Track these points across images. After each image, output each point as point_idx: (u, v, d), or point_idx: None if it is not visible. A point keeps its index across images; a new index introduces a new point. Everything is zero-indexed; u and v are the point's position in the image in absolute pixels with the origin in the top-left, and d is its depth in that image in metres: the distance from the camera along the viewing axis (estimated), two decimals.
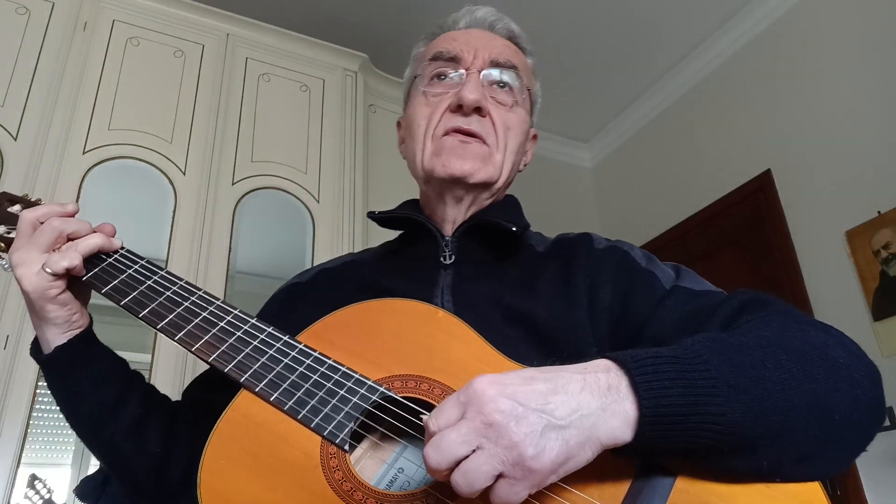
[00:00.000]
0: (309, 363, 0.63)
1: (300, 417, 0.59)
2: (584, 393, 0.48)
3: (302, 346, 0.64)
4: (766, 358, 0.52)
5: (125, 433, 0.72)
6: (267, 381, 0.61)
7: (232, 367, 0.63)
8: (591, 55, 3.15)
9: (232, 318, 0.67)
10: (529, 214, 0.86)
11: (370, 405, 0.59)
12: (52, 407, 0.91)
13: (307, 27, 2.62)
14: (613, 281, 0.72)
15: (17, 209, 0.77)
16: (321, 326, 0.67)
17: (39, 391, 1.71)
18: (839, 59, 2.52)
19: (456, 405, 0.48)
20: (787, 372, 0.52)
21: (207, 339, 0.65)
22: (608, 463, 0.51)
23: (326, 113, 2.46)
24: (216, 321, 0.67)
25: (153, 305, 0.68)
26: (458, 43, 0.83)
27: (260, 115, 2.34)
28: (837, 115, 2.48)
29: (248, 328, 0.66)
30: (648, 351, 0.52)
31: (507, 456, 0.45)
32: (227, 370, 0.63)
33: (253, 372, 0.62)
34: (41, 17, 2.10)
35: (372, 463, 0.60)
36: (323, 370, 0.62)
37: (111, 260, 0.72)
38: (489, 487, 0.46)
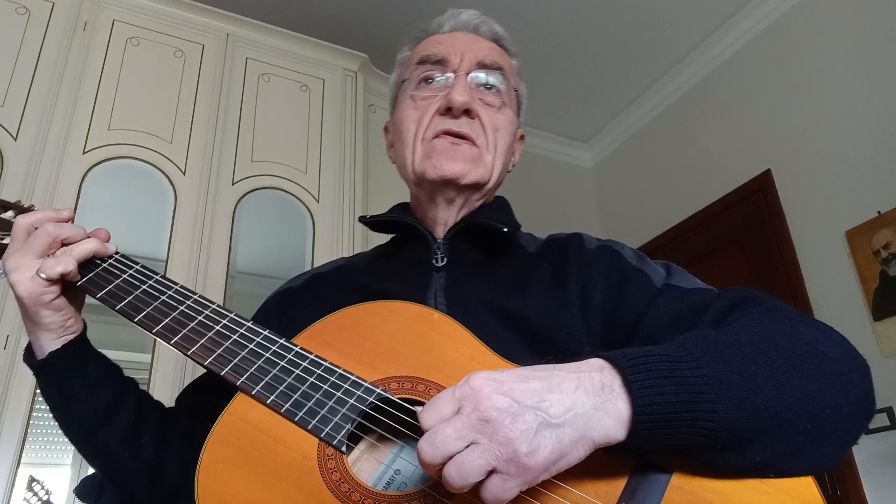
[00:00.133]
0: (305, 366, 0.63)
1: (297, 420, 0.59)
2: (578, 392, 0.49)
3: (298, 348, 0.64)
4: (756, 354, 0.53)
5: (119, 439, 0.71)
6: (263, 383, 0.61)
7: (228, 370, 0.63)
8: (590, 55, 3.15)
9: (228, 321, 0.67)
10: (529, 215, 0.86)
11: (367, 407, 0.59)
12: None
13: (307, 27, 2.62)
14: (605, 280, 0.73)
15: (10, 215, 0.77)
16: (317, 329, 0.67)
17: (39, 391, 1.71)
18: (839, 59, 2.51)
19: (451, 400, 0.48)
20: (777, 368, 0.52)
21: (203, 342, 0.65)
22: (604, 460, 0.51)
23: (326, 113, 2.45)
24: (212, 325, 0.67)
25: (148, 310, 0.68)
26: (443, 46, 0.83)
27: (260, 115, 2.34)
28: (837, 115, 2.48)
29: (243, 331, 0.66)
30: (640, 350, 0.52)
31: (501, 451, 0.45)
32: (223, 373, 0.63)
33: (249, 375, 0.62)
34: (41, 17, 2.10)
35: (369, 464, 0.60)
36: (319, 372, 0.62)
37: (106, 265, 0.72)
38: (480, 483, 0.46)
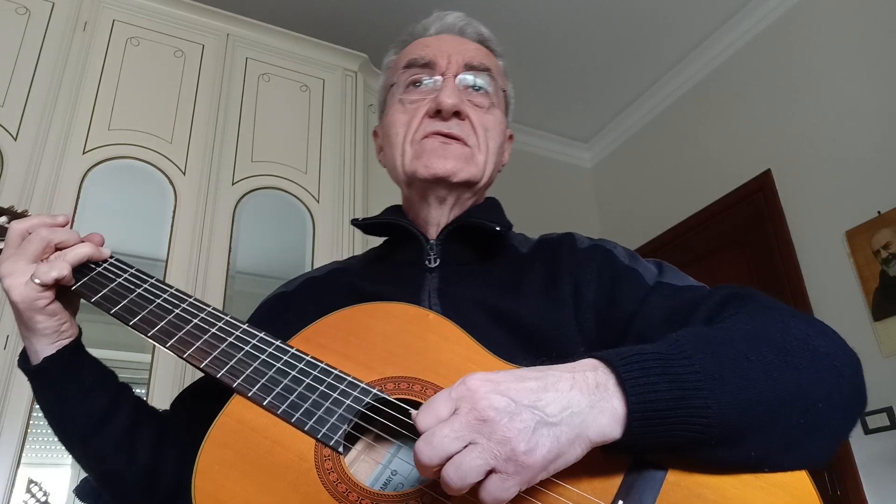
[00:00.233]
0: (301, 367, 0.63)
1: (293, 421, 0.59)
2: (573, 391, 0.49)
3: (294, 350, 0.64)
4: (749, 350, 0.53)
5: (114, 444, 0.71)
6: (259, 385, 0.61)
7: (224, 372, 0.63)
8: (590, 55, 3.15)
9: (223, 324, 0.67)
10: (529, 215, 0.87)
11: (363, 407, 0.60)
12: None
13: (307, 27, 2.62)
14: (598, 279, 0.73)
15: (4, 220, 0.77)
16: (312, 331, 0.67)
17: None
18: (839, 59, 2.51)
19: (447, 401, 0.48)
20: (769, 363, 0.53)
21: (199, 345, 0.65)
22: (600, 458, 0.51)
23: (326, 113, 2.45)
24: (207, 327, 0.67)
25: (143, 313, 0.68)
26: (430, 49, 0.84)
27: (260, 115, 2.34)
28: (837, 115, 2.48)
29: (239, 334, 0.66)
30: (633, 348, 0.52)
31: (499, 451, 0.46)
32: (219, 375, 0.62)
33: (245, 377, 0.62)
34: (41, 17, 2.10)
35: (366, 464, 0.60)
36: (315, 374, 0.62)
37: (100, 269, 0.72)
38: (479, 484, 0.46)
